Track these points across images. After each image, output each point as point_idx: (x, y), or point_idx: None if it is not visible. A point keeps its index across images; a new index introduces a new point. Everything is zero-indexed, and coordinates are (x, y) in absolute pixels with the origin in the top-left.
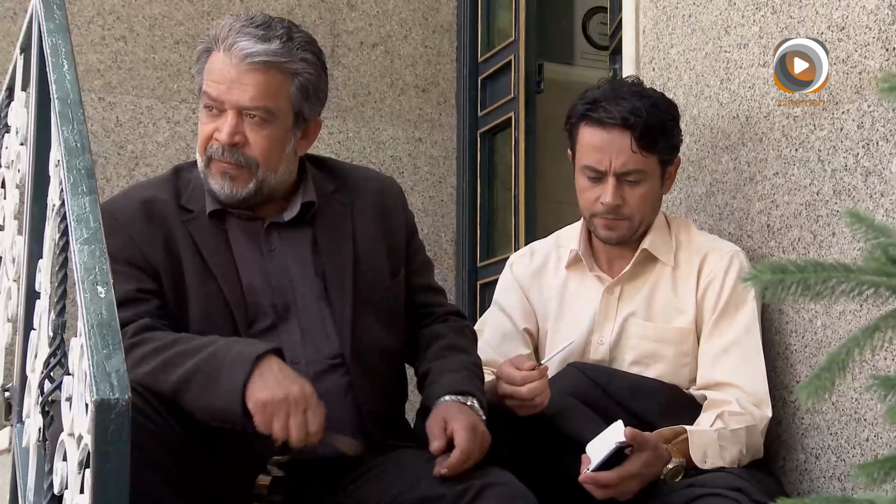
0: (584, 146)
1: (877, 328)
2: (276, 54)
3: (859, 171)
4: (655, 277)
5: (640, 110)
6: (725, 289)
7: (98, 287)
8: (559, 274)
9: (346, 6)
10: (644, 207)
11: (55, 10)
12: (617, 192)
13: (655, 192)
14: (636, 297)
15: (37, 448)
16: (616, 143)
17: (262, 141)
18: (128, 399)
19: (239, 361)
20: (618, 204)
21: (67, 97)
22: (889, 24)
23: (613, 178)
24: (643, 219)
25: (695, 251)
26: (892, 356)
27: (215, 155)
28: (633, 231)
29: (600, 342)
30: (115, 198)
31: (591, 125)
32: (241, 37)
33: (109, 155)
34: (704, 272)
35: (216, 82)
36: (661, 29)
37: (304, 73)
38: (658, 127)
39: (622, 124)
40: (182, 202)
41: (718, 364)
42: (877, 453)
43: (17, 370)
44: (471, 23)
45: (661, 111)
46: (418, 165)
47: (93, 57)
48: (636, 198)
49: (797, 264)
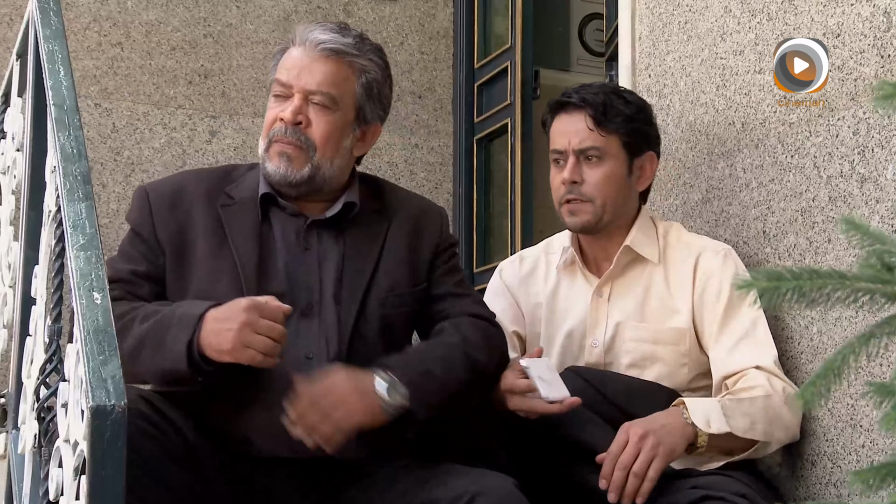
0: (552, 136)
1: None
2: (348, 46)
3: (855, 177)
4: (647, 279)
5: (599, 93)
6: (725, 285)
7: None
8: (549, 279)
9: (342, 12)
10: (605, 189)
11: (52, 16)
12: (575, 169)
13: (619, 177)
14: (627, 299)
15: (32, 454)
16: (575, 123)
17: (323, 125)
18: (124, 405)
19: (183, 322)
20: (575, 180)
21: (64, 103)
22: (884, 32)
23: (573, 155)
24: (606, 203)
25: (687, 251)
26: (887, 363)
27: (277, 135)
28: (597, 217)
29: (594, 345)
30: (166, 178)
31: (557, 114)
32: (317, 31)
33: (106, 161)
34: (700, 271)
35: (287, 69)
36: (657, 35)
37: (371, 72)
38: (616, 109)
39: (580, 104)
40: (227, 189)
41: (732, 358)
42: (872, 459)
43: (13, 376)
44: (467, 29)
45: (625, 99)
46: (415, 171)
47: (89, 63)
48: (596, 176)
49: (793, 271)
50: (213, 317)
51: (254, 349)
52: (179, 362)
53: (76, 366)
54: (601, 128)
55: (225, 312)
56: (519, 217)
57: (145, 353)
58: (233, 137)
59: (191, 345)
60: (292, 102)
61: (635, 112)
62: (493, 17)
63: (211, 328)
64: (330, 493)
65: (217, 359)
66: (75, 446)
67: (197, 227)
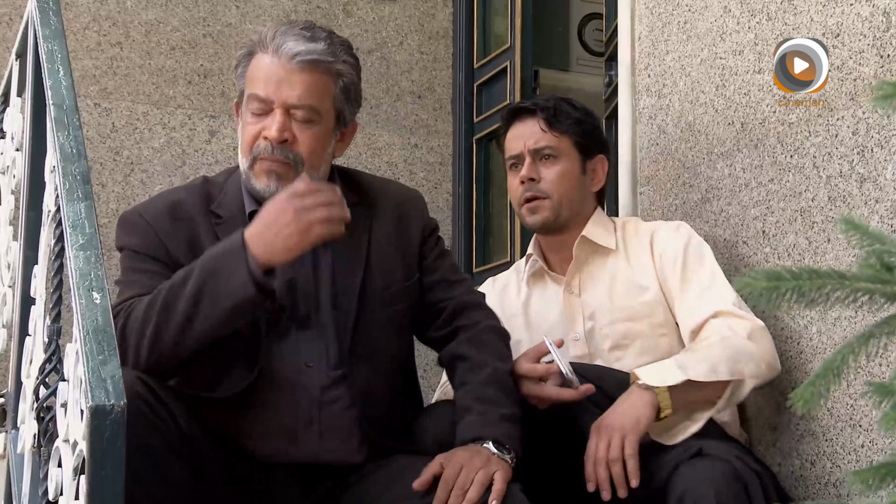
0: (507, 144)
1: (871, 335)
2: (323, 54)
3: (854, 177)
4: (611, 267)
5: (549, 99)
6: (679, 251)
7: (93, 293)
8: (521, 292)
9: (341, 12)
10: (562, 186)
11: (51, 15)
12: (532, 167)
13: (574, 175)
14: (597, 289)
15: (32, 454)
16: (529, 127)
17: (309, 139)
18: (123, 405)
19: (229, 256)
20: (532, 177)
21: (63, 103)
22: (884, 32)
23: (529, 156)
24: (563, 199)
25: (643, 234)
26: (886, 363)
27: (263, 153)
28: (556, 213)
29: (575, 338)
30: (144, 203)
31: (511, 124)
32: (287, 38)
33: (105, 161)
34: (656, 247)
35: (264, 82)
36: (656, 35)
37: (346, 75)
38: (565, 112)
39: (531, 108)
40: (212, 207)
41: (694, 312)
42: (872, 459)
43: (13, 376)
44: (467, 29)
45: (573, 105)
46: (414, 171)
47: (88, 63)
48: (552, 174)
49: (792, 271)
50: (257, 232)
51: (319, 226)
52: (247, 289)
53: (75, 365)
54: (553, 129)
55: (267, 220)
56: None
57: (204, 304)
58: (232, 137)
59: (250, 266)
60: (275, 118)
61: (584, 115)
62: (493, 17)
63: (264, 241)
64: (329, 495)
65: (286, 260)
66: (74, 446)
67: (203, 242)
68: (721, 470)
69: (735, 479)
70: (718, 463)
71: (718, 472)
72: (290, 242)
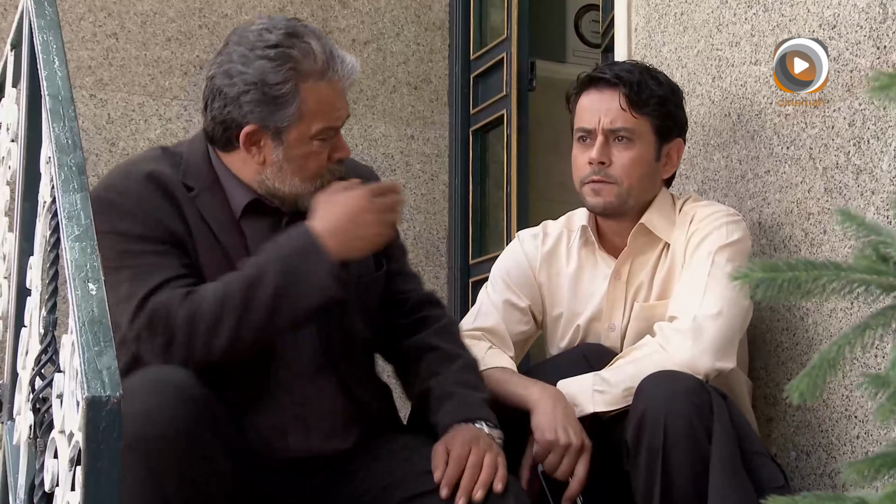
0: (579, 113)
1: (867, 326)
2: None
3: (850, 168)
4: (656, 256)
5: (633, 71)
6: (695, 236)
7: (89, 284)
8: (571, 260)
9: (337, 3)
10: (633, 173)
11: (46, 6)
12: (604, 149)
13: (648, 162)
14: (643, 282)
15: (27, 445)
16: (606, 101)
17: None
18: (119, 396)
19: (308, 253)
20: (603, 161)
21: (58, 94)
22: (880, 23)
23: (602, 135)
24: (631, 187)
25: (687, 219)
26: (882, 354)
27: None
28: (621, 200)
29: (611, 329)
30: (112, 180)
31: (587, 91)
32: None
33: (101, 152)
34: (690, 243)
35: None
36: (652, 27)
37: None
38: (649, 90)
39: (613, 81)
40: (181, 178)
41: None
42: (867, 451)
43: (8, 367)
44: (463, 20)
45: (658, 80)
46: (410, 163)
47: (84, 53)
48: (624, 159)
49: (788, 263)
50: (331, 228)
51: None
52: (330, 288)
53: (71, 356)
54: (634, 108)
55: (340, 217)
56: (514, 208)
57: (286, 304)
58: None
59: (330, 265)
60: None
61: (668, 93)
62: (489, 9)
63: (339, 238)
64: (324, 485)
65: (359, 256)
66: (70, 437)
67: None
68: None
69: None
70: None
71: (681, 385)
72: (368, 241)
